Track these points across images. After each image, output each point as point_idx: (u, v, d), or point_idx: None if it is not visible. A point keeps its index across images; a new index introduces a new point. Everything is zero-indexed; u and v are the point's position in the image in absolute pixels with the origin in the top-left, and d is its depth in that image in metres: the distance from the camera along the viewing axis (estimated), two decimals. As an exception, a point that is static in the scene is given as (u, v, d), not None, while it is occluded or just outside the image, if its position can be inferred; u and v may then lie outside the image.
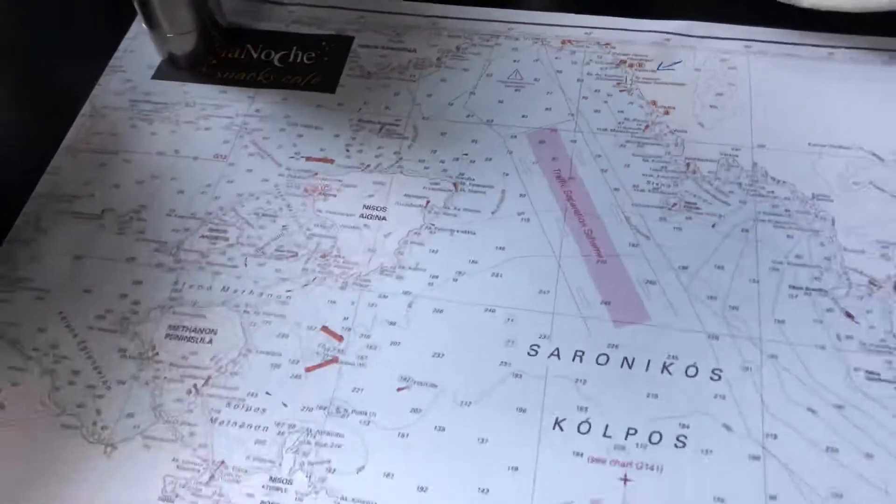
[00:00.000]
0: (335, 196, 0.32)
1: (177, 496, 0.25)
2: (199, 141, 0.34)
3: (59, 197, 0.33)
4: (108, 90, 0.36)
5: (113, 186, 0.33)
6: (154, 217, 0.32)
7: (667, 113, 0.34)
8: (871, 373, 0.27)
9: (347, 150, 0.33)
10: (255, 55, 0.37)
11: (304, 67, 0.36)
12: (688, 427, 0.26)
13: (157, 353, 0.28)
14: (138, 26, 0.38)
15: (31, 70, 0.37)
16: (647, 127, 0.33)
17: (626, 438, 0.26)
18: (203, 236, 0.31)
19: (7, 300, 0.30)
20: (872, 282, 0.29)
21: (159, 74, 0.36)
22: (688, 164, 0.32)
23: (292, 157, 0.33)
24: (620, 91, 0.34)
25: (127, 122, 0.35)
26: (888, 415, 0.26)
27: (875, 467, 0.25)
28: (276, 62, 0.36)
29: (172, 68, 0.36)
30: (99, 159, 0.34)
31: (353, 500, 0.25)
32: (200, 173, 0.33)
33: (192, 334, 0.29)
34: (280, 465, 0.26)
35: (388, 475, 0.26)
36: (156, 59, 0.37)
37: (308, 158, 0.33)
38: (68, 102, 0.36)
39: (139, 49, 0.37)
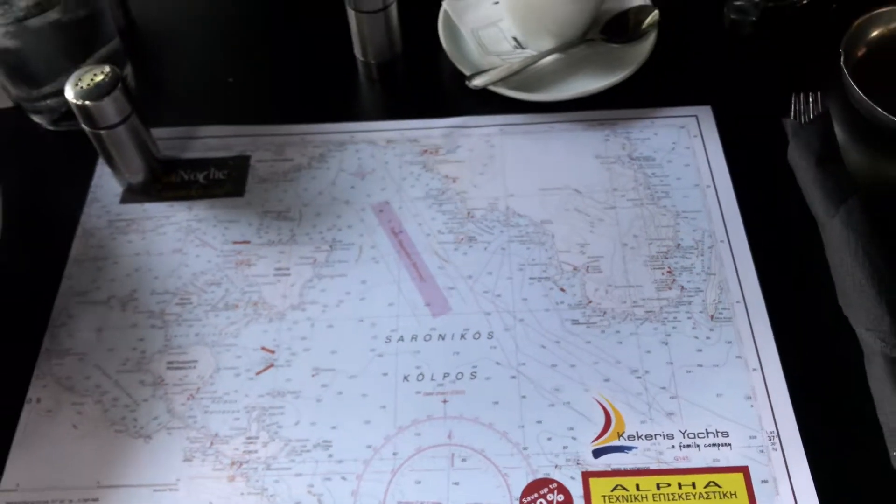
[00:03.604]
0: (256, 264, 0.51)
1: (193, 457, 0.44)
2: (160, 242, 0.52)
3: (77, 293, 0.50)
4: (91, 215, 0.54)
5: (111, 280, 0.51)
6: (143, 296, 0.50)
7: (454, 182, 0.54)
8: (574, 321, 0.48)
9: (258, 233, 0.52)
10: (185, 177, 0.55)
11: (219, 181, 0.55)
12: (476, 367, 0.46)
13: (163, 380, 0.47)
14: (102, 168, 0.56)
15: (37, 206, 0.54)
16: (443, 193, 0.54)
17: (443, 379, 0.46)
18: (177, 303, 0.49)
19: (61, 363, 0.47)
20: (575, 268, 0.50)
21: (124, 199, 0.54)
22: (468, 213, 0.53)
23: (223, 243, 0.52)
24: (425, 171, 0.55)
25: (109, 236, 0.53)
26: (582, 342, 0.47)
27: (576, 372, 0.46)
28: (200, 180, 0.55)
29: (132, 194, 0.54)
30: (97, 264, 0.51)
31: (295, 440, 0.44)
32: (166, 263, 0.51)
33: (182, 365, 0.47)
34: (250, 429, 0.45)
35: (312, 423, 0.45)
36: (119, 189, 0.55)
37: (234, 242, 0.52)
38: (66, 227, 0.53)
39: (105, 184, 0.55)
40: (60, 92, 0.54)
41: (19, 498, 0.43)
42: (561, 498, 0.42)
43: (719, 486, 0.42)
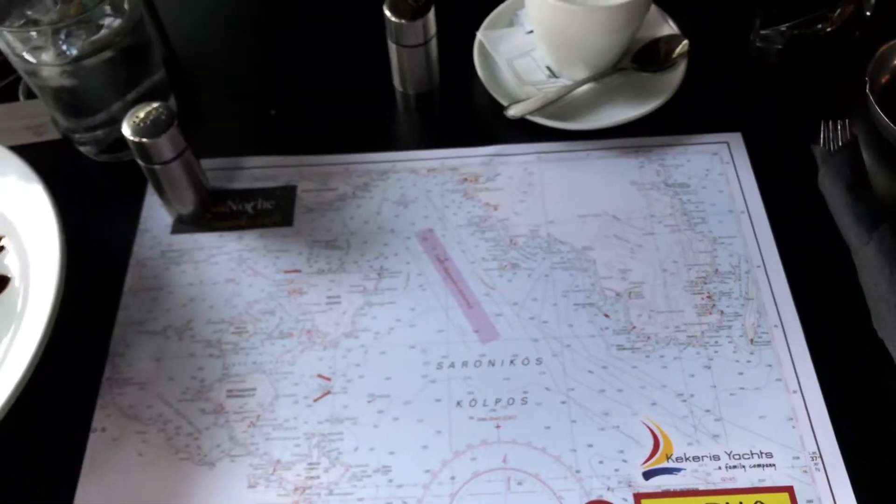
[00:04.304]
0: (307, 293, 0.53)
1: (258, 483, 0.46)
2: (213, 272, 0.54)
3: (133, 322, 0.52)
4: (143, 245, 0.55)
5: (166, 310, 0.52)
6: (199, 326, 0.51)
7: (495, 209, 0.56)
8: (620, 346, 0.50)
9: (309, 262, 0.54)
10: (234, 207, 0.57)
11: (268, 211, 0.56)
12: (527, 393, 0.48)
13: (224, 408, 0.48)
14: (151, 198, 0.57)
15: (88, 237, 0.55)
16: (485, 220, 0.55)
17: (495, 404, 0.48)
18: (232, 332, 0.51)
19: (122, 392, 0.49)
20: (618, 294, 0.52)
21: (175, 230, 0.56)
22: (510, 240, 0.54)
23: (275, 272, 0.53)
24: (467, 199, 0.56)
25: (162, 266, 0.54)
26: (628, 366, 0.49)
27: (624, 396, 0.48)
28: (249, 210, 0.57)
29: (182, 224, 0.56)
30: (151, 294, 0.53)
31: (355, 465, 0.46)
32: (220, 293, 0.53)
33: (241, 392, 0.49)
34: (311, 455, 0.46)
35: (371, 449, 0.46)
36: (169, 219, 0.56)
37: (285, 271, 0.54)
38: (119, 257, 0.54)
39: (155, 214, 0.57)
40: (108, 122, 0.56)
41: (91, 526, 0.45)
42: (615, 519, 0.44)
43: (766, 506, 0.44)
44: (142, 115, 0.50)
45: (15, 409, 0.44)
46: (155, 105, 0.51)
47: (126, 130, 0.50)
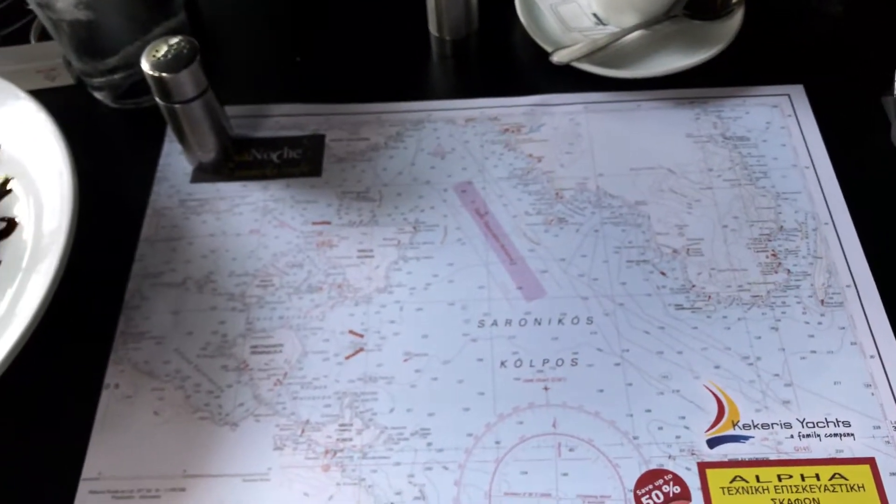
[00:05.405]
0: (337, 246, 0.49)
1: (284, 445, 0.42)
2: (236, 222, 0.50)
3: (149, 274, 0.48)
4: (161, 194, 0.51)
5: (185, 262, 0.48)
6: (221, 278, 0.48)
7: (539, 161, 0.52)
8: (678, 305, 0.46)
9: (339, 214, 0.50)
10: (258, 156, 0.53)
11: (294, 161, 0.53)
12: (577, 354, 0.44)
13: (248, 364, 0.44)
14: (170, 146, 0.53)
15: (103, 186, 0.52)
16: (528, 172, 0.51)
17: (542, 365, 0.44)
18: (257, 286, 0.47)
19: (138, 347, 0.45)
20: (675, 251, 0.48)
21: (195, 178, 0.52)
22: (556, 193, 0.50)
23: (303, 224, 0.50)
24: (508, 150, 0.52)
25: (181, 216, 0.50)
26: (688, 327, 0.45)
27: (684, 359, 0.44)
28: (274, 159, 0.53)
29: (202, 173, 0.52)
30: (170, 245, 0.49)
31: (391, 427, 0.42)
32: (244, 244, 0.49)
33: (267, 349, 0.45)
34: (343, 415, 0.43)
35: (408, 410, 0.43)
36: (188, 168, 0.52)
37: (314, 223, 0.50)
38: (135, 206, 0.51)
39: (174, 163, 0.53)
40: (125, 66, 0.52)
41: (102, 486, 0.41)
42: (677, 490, 0.40)
43: (845, 479, 0.40)
44: (163, 49, 0.46)
45: (22, 361, 0.40)
46: (177, 39, 0.47)
47: (145, 65, 0.46)
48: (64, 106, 0.54)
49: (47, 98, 0.51)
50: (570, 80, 0.55)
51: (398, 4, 0.59)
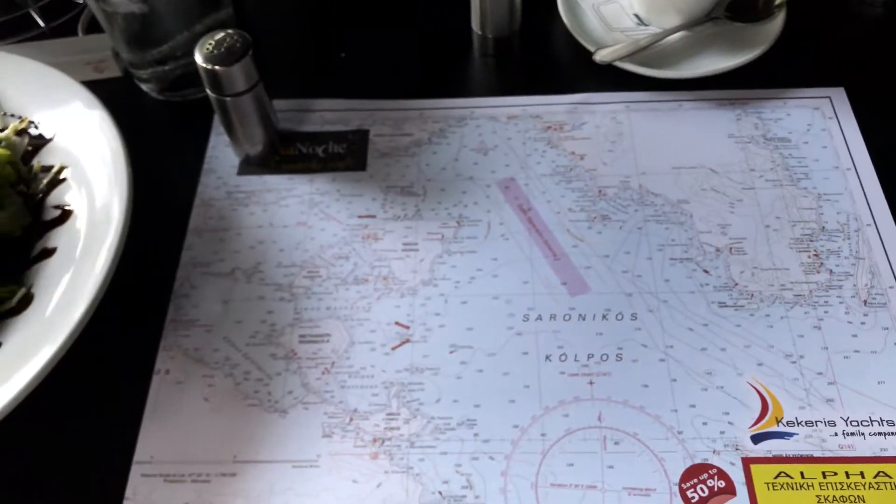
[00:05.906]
0: (382, 239, 0.49)
1: (333, 433, 0.42)
2: (283, 214, 0.51)
3: (199, 264, 0.49)
4: (208, 186, 0.52)
5: (234, 252, 0.49)
6: (268, 269, 0.48)
7: (582, 159, 0.52)
8: (721, 303, 0.46)
9: (383, 208, 0.51)
10: (304, 150, 0.54)
11: (339, 155, 0.53)
12: (622, 349, 0.45)
13: (296, 353, 0.45)
14: (216, 138, 0.54)
15: (151, 176, 0.53)
16: (570, 170, 0.52)
17: (587, 360, 0.44)
18: (305, 276, 0.48)
19: (187, 335, 0.46)
20: (718, 249, 0.48)
21: (242, 171, 0.53)
22: (599, 191, 0.51)
23: (348, 217, 0.50)
24: (551, 147, 0.53)
25: (228, 207, 0.51)
26: (731, 325, 0.45)
27: (728, 356, 0.44)
28: (319, 154, 0.53)
29: (249, 166, 0.53)
30: (218, 235, 0.50)
31: (438, 418, 0.43)
32: (291, 236, 0.50)
33: (315, 338, 0.46)
34: (391, 405, 0.43)
35: (455, 401, 0.43)
36: (235, 160, 0.53)
37: (359, 216, 0.50)
38: (183, 197, 0.52)
39: (220, 155, 0.54)
40: (172, 57, 0.53)
41: (154, 470, 0.42)
42: (722, 484, 0.40)
43: (890, 477, 0.40)
44: (215, 41, 0.47)
45: (76, 348, 0.41)
46: (229, 32, 0.48)
47: (198, 58, 0.47)
48: (112, 97, 0.55)
49: (95, 90, 0.52)
50: (612, 79, 0.55)
51: (441, 2, 0.60)
